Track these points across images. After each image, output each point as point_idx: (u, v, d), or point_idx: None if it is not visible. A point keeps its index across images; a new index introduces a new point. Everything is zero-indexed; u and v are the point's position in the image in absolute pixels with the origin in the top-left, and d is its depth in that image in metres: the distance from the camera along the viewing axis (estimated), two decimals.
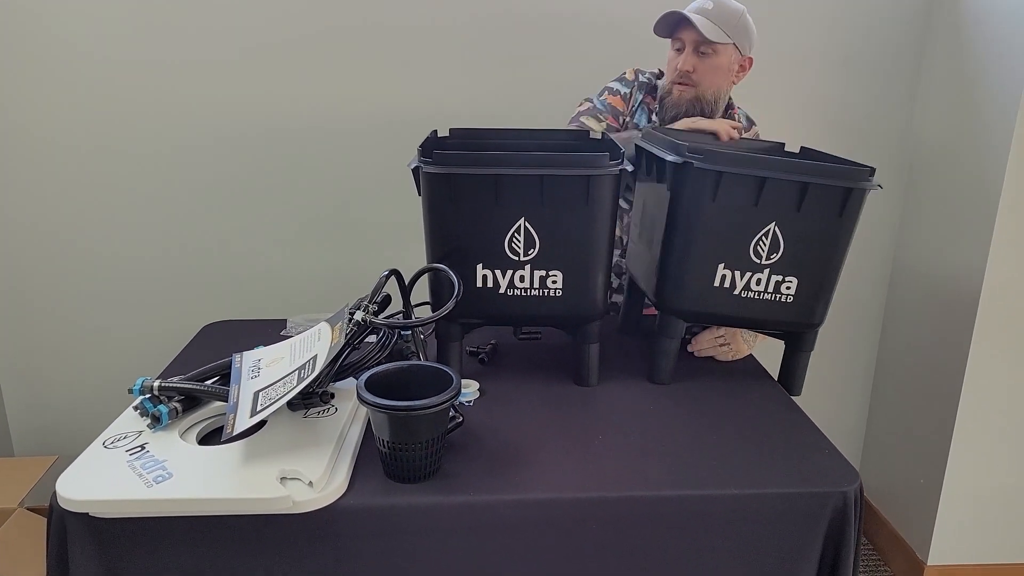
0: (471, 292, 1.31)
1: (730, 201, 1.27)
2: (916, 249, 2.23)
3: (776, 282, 1.32)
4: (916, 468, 2.21)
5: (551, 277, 1.31)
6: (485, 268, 1.30)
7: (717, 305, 1.34)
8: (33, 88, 2.03)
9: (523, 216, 1.27)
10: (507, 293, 1.32)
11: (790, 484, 1.08)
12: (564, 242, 1.28)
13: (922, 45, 2.18)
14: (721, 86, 1.64)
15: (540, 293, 1.32)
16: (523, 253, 1.29)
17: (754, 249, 1.30)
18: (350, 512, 1.03)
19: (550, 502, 1.06)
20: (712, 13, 1.58)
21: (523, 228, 1.28)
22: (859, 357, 2.45)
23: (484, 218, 1.27)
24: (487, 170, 1.25)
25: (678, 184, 1.30)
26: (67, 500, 0.98)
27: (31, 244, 2.15)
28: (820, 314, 1.36)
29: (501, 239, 1.28)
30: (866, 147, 2.26)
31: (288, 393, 1.07)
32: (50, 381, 2.27)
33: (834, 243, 1.31)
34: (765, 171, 1.26)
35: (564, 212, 1.27)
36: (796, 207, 1.27)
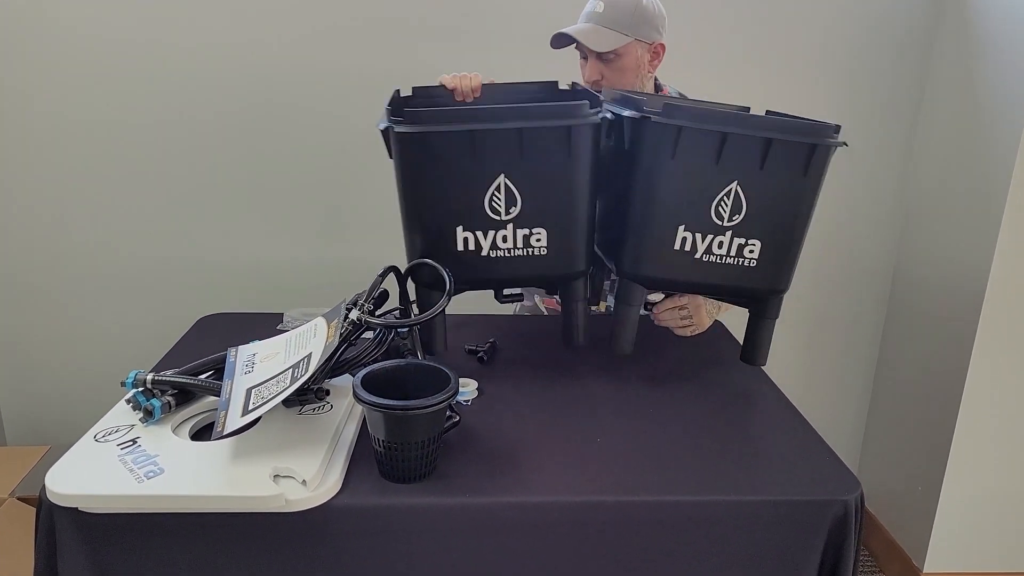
0: (453, 257, 1.26)
1: (690, 159, 1.21)
2: (919, 252, 2.22)
3: (739, 245, 1.26)
4: (914, 474, 2.20)
5: (535, 235, 1.25)
6: (466, 231, 1.25)
7: (678, 270, 1.27)
8: (24, 79, 2.00)
9: (502, 173, 1.22)
10: (490, 255, 1.26)
11: (790, 491, 1.07)
12: (547, 198, 1.23)
13: (929, 47, 2.16)
14: (634, 84, 1.58)
15: (524, 253, 1.26)
16: (504, 212, 1.24)
17: (715, 210, 1.24)
18: (344, 512, 1.01)
19: (547, 505, 1.04)
20: (604, 16, 1.50)
21: (503, 185, 1.22)
22: (859, 360, 2.44)
23: (462, 177, 1.22)
24: (462, 126, 1.19)
25: (636, 141, 1.24)
26: (56, 494, 0.97)
27: (25, 234, 2.13)
28: (785, 279, 1.30)
29: (481, 198, 1.23)
30: (870, 149, 2.24)
31: (281, 393, 1.06)
32: (43, 371, 2.25)
33: (799, 204, 1.25)
34: (727, 126, 1.19)
35: (545, 166, 1.22)
36: (759, 165, 1.21)
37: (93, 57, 2.00)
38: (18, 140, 2.05)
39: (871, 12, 2.13)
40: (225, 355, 1.23)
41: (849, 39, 2.14)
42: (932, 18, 2.14)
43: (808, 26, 2.13)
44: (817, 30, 2.13)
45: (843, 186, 2.26)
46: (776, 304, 1.34)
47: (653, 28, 1.53)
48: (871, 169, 2.27)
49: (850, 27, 2.14)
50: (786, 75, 2.16)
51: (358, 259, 2.17)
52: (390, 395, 1.02)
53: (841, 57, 2.16)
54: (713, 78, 2.14)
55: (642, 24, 1.51)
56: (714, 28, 2.11)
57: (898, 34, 2.15)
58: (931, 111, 2.18)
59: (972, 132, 2.00)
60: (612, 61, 1.53)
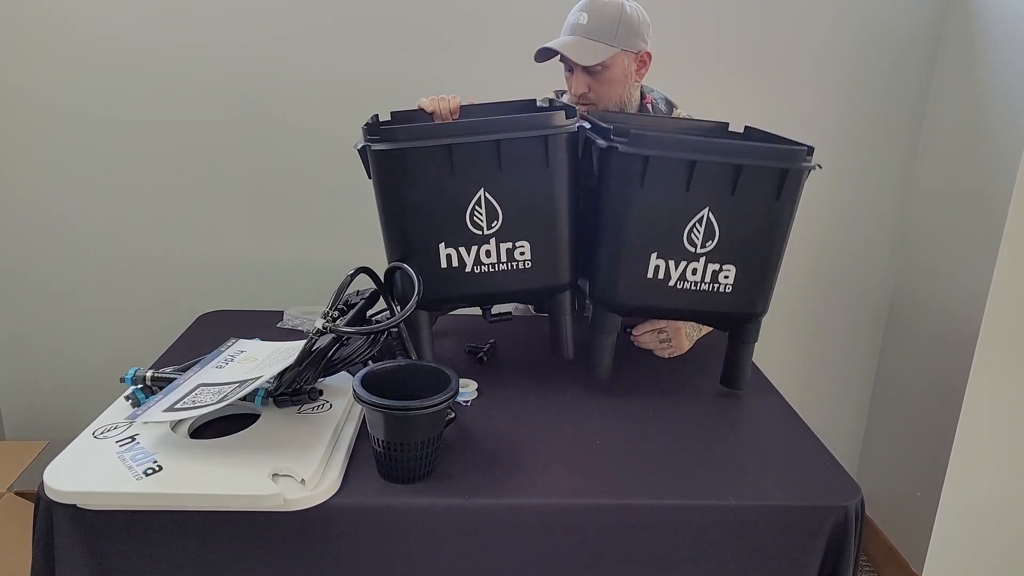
0: (437, 274, 1.25)
1: (660, 186, 1.20)
2: (919, 261, 2.22)
3: (713, 271, 1.25)
4: (913, 479, 2.19)
5: (519, 248, 1.25)
6: (448, 247, 1.25)
7: (652, 298, 1.26)
8: (25, 77, 2.00)
9: (482, 187, 1.21)
10: (474, 271, 1.26)
11: (790, 496, 1.06)
12: (528, 210, 1.23)
13: (933, 55, 2.16)
14: (622, 94, 1.55)
15: (509, 267, 1.26)
16: (486, 226, 1.24)
17: (688, 237, 1.23)
18: (342, 511, 1.01)
19: (546, 507, 1.04)
20: (588, 28, 1.46)
21: (484, 199, 1.22)
22: (858, 366, 2.43)
23: (441, 193, 1.22)
24: (439, 141, 1.19)
25: (604, 169, 1.23)
26: (55, 491, 0.96)
27: (25, 229, 2.13)
28: (762, 304, 1.29)
29: (462, 214, 1.23)
30: (871, 158, 2.24)
31: (204, 407, 1.04)
32: (42, 366, 2.24)
33: (773, 228, 1.24)
34: (695, 154, 1.18)
35: (524, 178, 1.21)
36: (730, 191, 1.20)
37: (95, 55, 2.00)
38: (19, 136, 2.05)
39: (874, 21, 2.12)
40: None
41: (849, 49, 2.14)
42: (935, 31, 2.14)
43: (812, 37, 2.12)
44: (821, 40, 2.13)
45: (843, 196, 2.26)
46: (754, 328, 1.33)
47: (639, 37, 1.50)
48: (871, 178, 2.26)
49: (851, 39, 2.13)
50: (785, 81, 2.15)
51: (360, 258, 2.15)
52: (390, 395, 1.02)
53: (841, 66, 2.15)
54: (709, 82, 2.13)
55: (627, 34, 1.48)
56: (712, 31, 2.11)
57: (900, 43, 2.15)
58: (933, 120, 2.17)
59: (975, 142, 2.00)
60: (599, 73, 1.49)
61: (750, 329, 1.33)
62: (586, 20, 1.47)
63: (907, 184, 2.27)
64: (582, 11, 1.48)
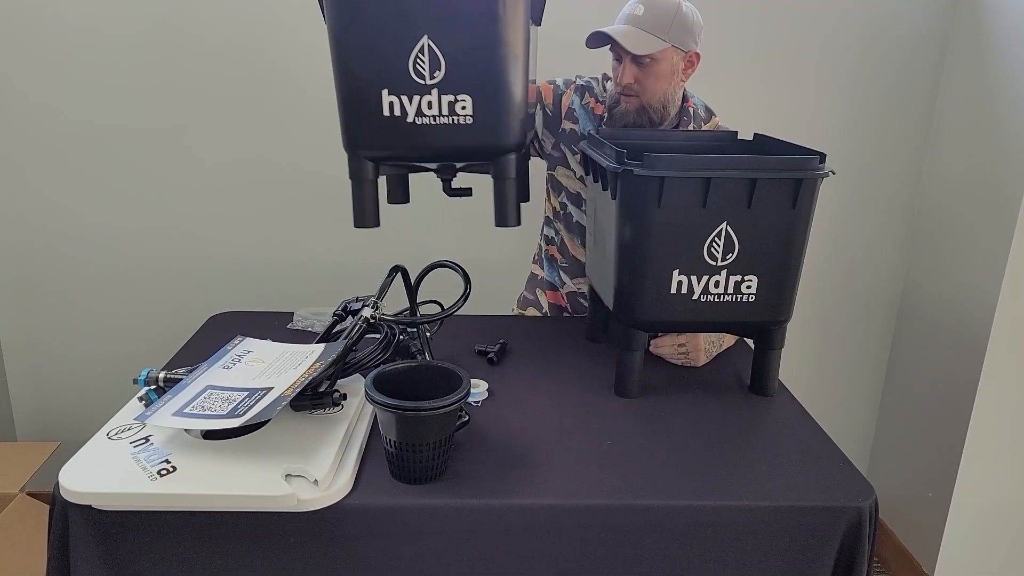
0: (378, 121, 1.22)
1: (677, 205, 1.22)
2: (930, 260, 2.21)
3: (735, 282, 1.28)
4: (924, 480, 2.18)
5: (460, 103, 1.21)
6: (391, 94, 1.20)
7: (677, 312, 1.29)
8: (35, 78, 2.01)
9: (426, 34, 1.18)
10: (415, 122, 1.22)
11: (804, 497, 1.06)
12: (471, 63, 1.18)
13: (941, 56, 2.15)
14: (667, 91, 1.56)
15: (449, 121, 1.22)
16: (429, 76, 1.20)
17: (708, 251, 1.26)
18: (355, 512, 1.02)
19: (559, 508, 1.04)
20: (644, 20, 1.48)
21: (427, 48, 1.18)
22: (868, 364, 2.42)
23: (384, 39, 1.18)
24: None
25: (621, 192, 1.25)
26: (70, 491, 0.97)
27: (36, 231, 2.14)
28: (786, 310, 1.32)
29: (405, 61, 1.19)
30: (879, 160, 2.23)
31: (215, 418, 1.04)
32: (54, 368, 2.26)
33: (791, 236, 1.26)
34: (709, 171, 1.20)
35: (469, 28, 1.17)
36: (747, 204, 1.23)
37: (104, 56, 2.01)
38: (32, 139, 2.07)
39: (883, 27, 2.11)
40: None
41: (857, 49, 2.13)
42: (941, 40, 2.13)
43: (816, 33, 2.11)
44: (825, 37, 2.12)
45: (852, 196, 2.25)
46: (780, 334, 1.35)
47: (690, 36, 1.51)
48: (881, 178, 2.25)
49: (858, 35, 2.12)
50: (793, 82, 2.15)
51: (370, 260, 2.17)
52: (402, 396, 1.02)
53: (850, 66, 2.14)
54: (718, 84, 2.13)
55: (680, 31, 1.50)
56: (719, 33, 2.10)
57: (908, 42, 2.14)
58: (943, 120, 2.16)
59: (984, 141, 1.99)
60: (648, 66, 1.51)
61: (776, 335, 1.35)
62: (642, 12, 1.48)
63: (917, 183, 2.26)
64: (639, 3, 1.49)
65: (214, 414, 1.05)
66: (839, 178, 2.20)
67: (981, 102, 2.02)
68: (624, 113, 1.58)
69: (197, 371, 1.18)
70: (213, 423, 1.03)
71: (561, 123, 1.66)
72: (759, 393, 1.37)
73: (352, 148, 1.24)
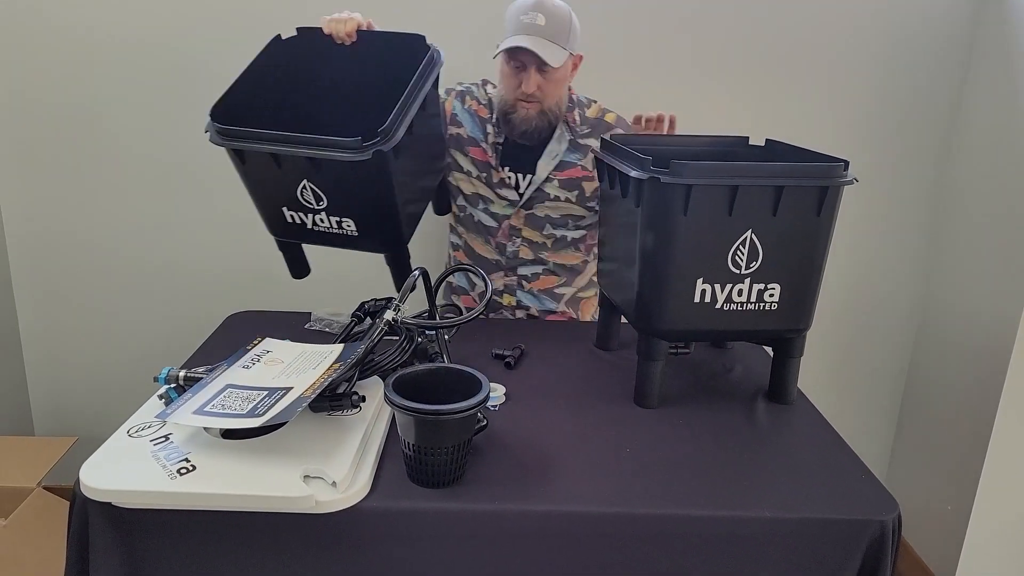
0: (287, 225, 1.49)
1: (703, 213, 1.21)
2: (951, 272, 2.18)
3: (759, 291, 1.26)
4: (944, 493, 2.15)
5: (345, 222, 1.43)
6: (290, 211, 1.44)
7: (699, 321, 1.28)
8: (53, 80, 2.03)
9: (306, 178, 1.38)
10: (313, 229, 1.49)
11: (826, 510, 1.05)
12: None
13: (965, 67, 2.13)
14: (563, 93, 1.65)
15: (339, 231, 1.46)
16: (315, 204, 1.43)
17: (732, 259, 1.24)
18: (373, 514, 1.01)
19: (576, 515, 1.03)
20: (547, 30, 1.52)
21: (308, 187, 1.39)
22: (887, 374, 2.40)
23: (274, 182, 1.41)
24: (267, 146, 1.33)
25: (646, 200, 1.24)
26: (90, 488, 0.97)
27: (56, 228, 2.16)
28: (807, 318, 1.31)
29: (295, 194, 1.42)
30: (900, 170, 2.21)
31: (236, 418, 1.04)
32: (72, 363, 2.27)
33: (815, 244, 1.26)
34: (737, 179, 1.19)
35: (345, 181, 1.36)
36: (772, 212, 1.21)
37: (119, 59, 2.02)
38: (56, 140, 2.08)
39: (903, 27, 2.09)
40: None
41: (878, 56, 2.11)
42: (967, 34, 2.10)
43: (837, 39, 2.09)
44: (846, 42, 2.10)
45: (873, 207, 2.23)
46: (800, 342, 1.34)
47: (577, 40, 1.60)
48: (902, 188, 2.23)
49: (880, 41, 2.10)
50: (813, 89, 2.13)
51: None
52: (421, 399, 1.02)
53: (870, 74, 2.12)
54: (736, 89, 2.12)
55: (573, 37, 1.58)
56: (738, 37, 2.09)
57: (931, 49, 2.11)
58: (965, 130, 2.13)
59: (1009, 152, 1.96)
60: (549, 73, 1.57)
61: (796, 343, 1.33)
62: (544, 22, 1.53)
63: (938, 192, 2.23)
64: (537, 12, 1.53)
65: (234, 413, 1.05)
66: (858, 190, 2.16)
67: (1005, 114, 1.99)
68: (525, 119, 1.63)
69: (217, 370, 1.19)
70: (233, 422, 1.03)
71: (448, 130, 1.73)
72: (778, 401, 1.35)
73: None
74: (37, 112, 2.07)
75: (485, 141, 1.70)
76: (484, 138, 1.70)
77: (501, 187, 1.71)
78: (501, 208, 1.72)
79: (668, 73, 2.09)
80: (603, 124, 1.72)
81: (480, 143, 1.70)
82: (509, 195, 1.71)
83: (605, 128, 1.72)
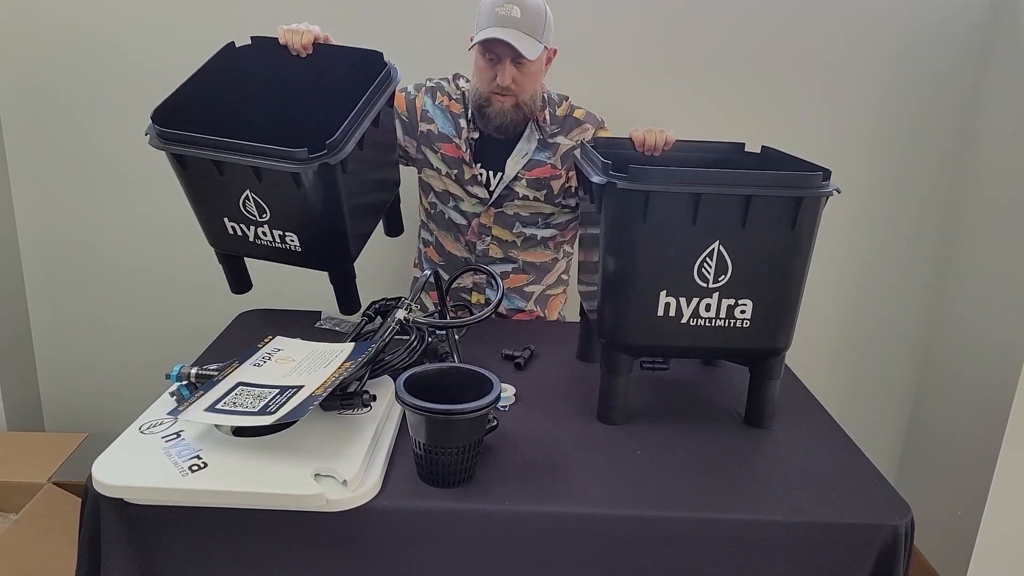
0: (227, 236, 1.45)
1: (664, 221, 1.14)
2: (963, 283, 2.17)
3: (728, 306, 1.18)
4: (954, 499, 2.14)
5: (288, 236, 1.40)
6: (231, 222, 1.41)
7: (664, 336, 1.21)
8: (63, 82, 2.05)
9: (248, 189, 1.34)
10: (255, 241, 1.46)
11: (838, 514, 1.04)
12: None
13: (980, 70, 2.11)
14: (538, 87, 1.64)
15: (281, 246, 1.44)
16: (258, 216, 1.39)
17: (698, 272, 1.17)
18: (383, 513, 1.01)
19: (585, 517, 1.03)
20: (523, 23, 1.51)
21: (251, 198, 1.35)
22: (898, 378, 2.38)
23: (217, 190, 1.38)
24: (207, 152, 1.30)
25: (606, 206, 1.17)
26: (102, 484, 0.98)
27: (68, 224, 2.17)
28: (784, 338, 1.22)
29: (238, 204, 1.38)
30: (911, 178, 2.19)
31: (246, 415, 1.04)
32: (83, 361, 2.29)
33: (790, 259, 1.17)
34: (699, 186, 1.12)
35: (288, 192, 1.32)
36: (741, 222, 1.13)
37: (134, 64, 2.03)
38: (64, 143, 2.09)
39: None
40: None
41: (891, 58, 2.10)
42: (983, 35, 2.09)
43: (847, 41, 2.09)
44: (858, 45, 2.09)
45: (882, 218, 2.22)
46: (778, 364, 1.25)
47: (552, 33, 1.60)
48: (913, 197, 2.22)
49: (893, 43, 2.09)
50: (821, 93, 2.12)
51: (398, 261, 2.17)
52: (432, 399, 1.02)
53: (882, 78, 2.11)
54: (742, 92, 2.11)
55: (549, 30, 1.58)
56: (745, 38, 2.08)
57: (946, 53, 2.10)
58: (979, 140, 2.12)
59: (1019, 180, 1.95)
60: (525, 66, 1.56)
61: (773, 365, 1.25)
62: (519, 14, 1.52)
63: (951, 198, 2.22)
64: (512, 4, 1.52)
65: (245, 411, 1.05)
66: (868, 195, 2.17)
67: (1022, 122, 1.98)
68: (500, 112, 1.62)
69: (228, 367, 1.19)
70: (244, 420, 1.03)
71: (418, 126, 1.72)
72: (755, 425, 1.27)
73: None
74: (50, 117, 2.08)
75: (459, 137, 1.69)
76: (457, 134, 1.69)
77: (472, 184, 1.70)
78: (471, 206, 1.72)
79: (671, 76, 2.09)
80: (571, 120, 1.72)
81: (452, 139, 1.69)
82: (479, 193, 1.71)
83: (573, 123, 1.72)
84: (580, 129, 1.71)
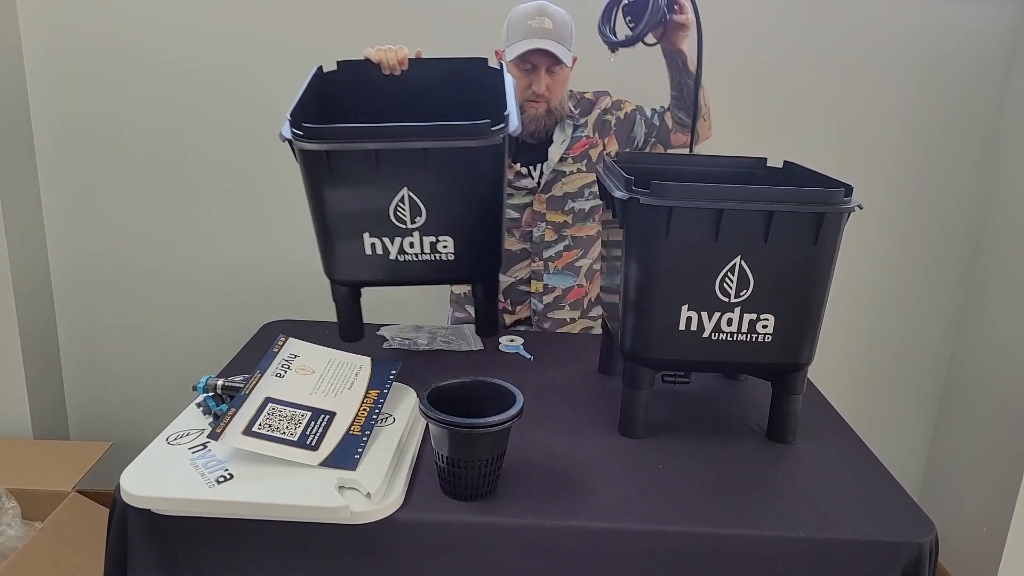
0: (363, 260, 1.32)
1: (686, 237, 1.15)
2: (988, 297, 2.14)
3: (750, 321, 1.19)
4: (980, 515, 2.11)
5: (441, 242, 1.32)
6: (373, 237, 1.31)
7: (686, 351, 1.21)
8: (79, 89, 2.09)
9: (405, 186, 1.27)
10: (398, 259, 1.33)
11: (862, 531, 1.03)
12: (453, 208, 1.30)
13: (1003, 87, 2.10)
14: (565, 92, 1.73)
15: (432, 258, 1.33)
16: (410, 221, 1.30)
17: (720, 286, 1.17)
18: (406, 526, 1.02)
19: (608, 531, 1.03)
20: (555, 33, 1.61)
21: (407, 197, 1.28)
22: (922, 391, 2.36)
23: (367, 190, 1.27)
24: (366, 145, 1.23)
25: (628, 222, 1.19)
26: (130, 495, 0.99)
27: (95, 235, 2.21)
28: (807, 353, 1.22)
29: (387, 209, 1.29)
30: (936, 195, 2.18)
31: (286, 445, 1.06)
32: (108, 371, 2.32)
33: (812, 273, 1.17)
34: (721, 202, 1.12)
35: (449, 181, 1.27)
36: (763, 238, 1.14)
37: (162, 81, 2.07)
38: (99, 146, 2.14)
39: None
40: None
41: (916, 74, 2.09)
42: (1001, 85, 2.07)
43: (872, 58, 2.08)
44: (882, 61, 2.09)
45: (908, 234, 2.22)
46: (800, 379, 1.25)
47: (574, 42, 1.68)
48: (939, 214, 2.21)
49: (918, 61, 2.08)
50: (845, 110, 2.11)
51: None
52: (455, 412, 1.03)
53: (907, 94, 2.11)
54: (764, 107, 2.11)
55: (573, 39, 1.67)
56: (768, 55, 2.08)
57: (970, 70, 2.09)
58: (1002, 169, 2.11)
59: None
60: (556, 73, 1.66)
61: (796, 379, 1.25)
62: (551, 25, 1.61)
63: (976, 220, 2.20)
64: (543, 16, 1.61)
65: (284, 438, 1.07)
66: (894, 209, 2.16)
67: None
68: (535, 118, 1.70)
69: (252, 379, 1.19)
70: (290, 453, 1.05)
71: None
72: (777, 440, 1.28)
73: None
74: (80, 126, 2.12)
75: None
76: None
77: (517, 179, 1.76)
78: (521, 198, 1.77)
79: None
80: (585, 101, 1.80)
81: None
82: (526, 183, 1.76)
83: (588, 104, 1.80)
84: (600, 100, 1.80)
